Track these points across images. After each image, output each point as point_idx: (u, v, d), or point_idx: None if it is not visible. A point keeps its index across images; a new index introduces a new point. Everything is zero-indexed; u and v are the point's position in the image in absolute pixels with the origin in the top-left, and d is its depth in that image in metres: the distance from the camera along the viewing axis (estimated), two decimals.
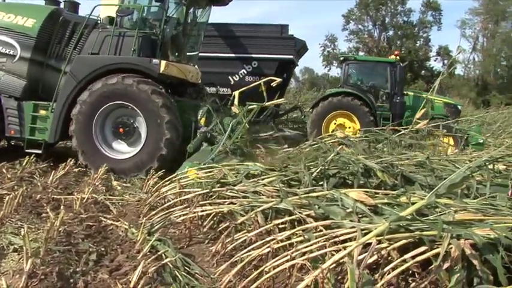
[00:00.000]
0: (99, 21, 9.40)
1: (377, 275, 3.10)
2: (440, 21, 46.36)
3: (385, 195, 4.34)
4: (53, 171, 7.56)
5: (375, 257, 3.16)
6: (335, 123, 13.76)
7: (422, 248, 3.13)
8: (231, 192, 5.13)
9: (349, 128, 13.57)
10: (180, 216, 5.08)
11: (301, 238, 3.61)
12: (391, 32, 46.13)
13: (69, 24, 9.32)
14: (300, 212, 4.02)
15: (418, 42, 45.26)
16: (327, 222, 3.69)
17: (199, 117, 9.11)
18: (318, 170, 5.13)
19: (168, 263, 3.91)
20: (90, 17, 9.31)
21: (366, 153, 6.74)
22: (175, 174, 6.41)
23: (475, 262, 2.95)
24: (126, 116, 8.66)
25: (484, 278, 2.93)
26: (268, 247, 3.63)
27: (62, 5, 10.04)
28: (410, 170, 5.51)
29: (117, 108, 8.60)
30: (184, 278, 3.78)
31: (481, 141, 12.46)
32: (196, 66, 10.55)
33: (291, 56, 13.49)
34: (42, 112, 9.00)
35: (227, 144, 7.66)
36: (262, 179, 5.28)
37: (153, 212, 5.46)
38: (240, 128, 8.14)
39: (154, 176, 7.18)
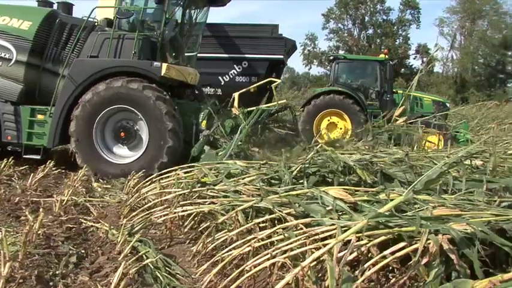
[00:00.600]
0: (96, 23, 9.22)
1: (357, 271, 3.13)
2: (419, 19, 46.98)
3: (364, 193, 4.37)
4: (32, 174, 7.47)
5: (355, 254, 3.18)
6: (329, 120, 13.85)
7: (402, 244, 3.17)
8: (212, 192, 5.14)
9: (341, 128, 13.70)
10: (160, 216, 5.07)
11: (282, 236, 3.62)
12: (370, 31, 46.60)
13: (66, 27, 9.15)
14: (280, 211, 4.03)
15: (397, 40, 45.71)
16: (307, 220, 3.70)
17: (200, 120, 9.08)
18: (297, 169, 5.16)
19: (149, 263, 3.91)
20: (88, 19, 9.16)
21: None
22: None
23: (453, 256, 2.99)
24: (127, 119, 8.57)
25: (461, 271, 2.97)
26: (248, 246, 3.64)
27: (55, 6, 9.89)
28: (390, 167, 5.57)
29: (118, 111, 8.51)
30: (165, 278, 3.77)
31: (469, 138, 12.78)
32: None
33: (281, 56, 13.47)
34: (40, 117, 8.84)
35: (232, 147, 7.68)
36: (243, 178, 5.30)
37: (134, 213, 5.43)
38: (244, 130, 8.23)
39: (134, 177, 7.15)
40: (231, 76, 13.17)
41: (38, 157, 8.69)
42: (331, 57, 15.85)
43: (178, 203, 5.01)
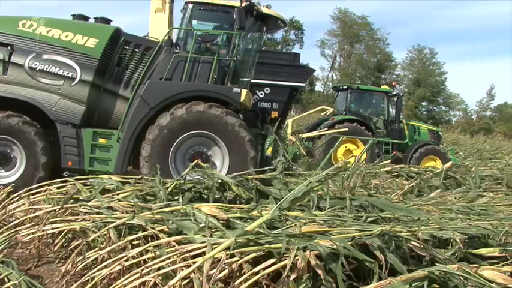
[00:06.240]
0: (162, 44, 8.56)
1: None
2: (302, 40, 48.90)
3: (238, 209, 4.49)
4: None
5: (226, 271, 3.25)
6: (345, 147, 14.47)
7: (272, 260, 3.28)
8: (84, 208, 4.97)
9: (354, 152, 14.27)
10: (28, 234, 4.79)
11: (154, 254, 3.61)
12: None
13: (130, 45, 8.48)
14: (153, 228, 4.01)
15: None
16: (179, 237, 3.72)
17: (266, 147, 8.93)
18: (173, 185, 5.17)
19: (11, 286, 3.68)
20: (147, 38, 8.66)
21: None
22: None
23: (319, 272, 3.16)
24: (200, 145, 8.19)
25: (328, 286, 3.15)
26: (119, 264, 3.58)
27: (91, 21, 8.94)
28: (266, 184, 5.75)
29: (192, 137, 8.09)
30: None
31: (459, 163, 14.15)
32: None
33: (303, 84, 13.68)
34: (102, 140, 8.14)
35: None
36: (117, 194, 5.20)
37: None
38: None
39: (1, 193, 6.70)
40: (254, 101, 12.96)
41: None
42: (344, 87, 16.53)
43: (48, 220, 4.79)
